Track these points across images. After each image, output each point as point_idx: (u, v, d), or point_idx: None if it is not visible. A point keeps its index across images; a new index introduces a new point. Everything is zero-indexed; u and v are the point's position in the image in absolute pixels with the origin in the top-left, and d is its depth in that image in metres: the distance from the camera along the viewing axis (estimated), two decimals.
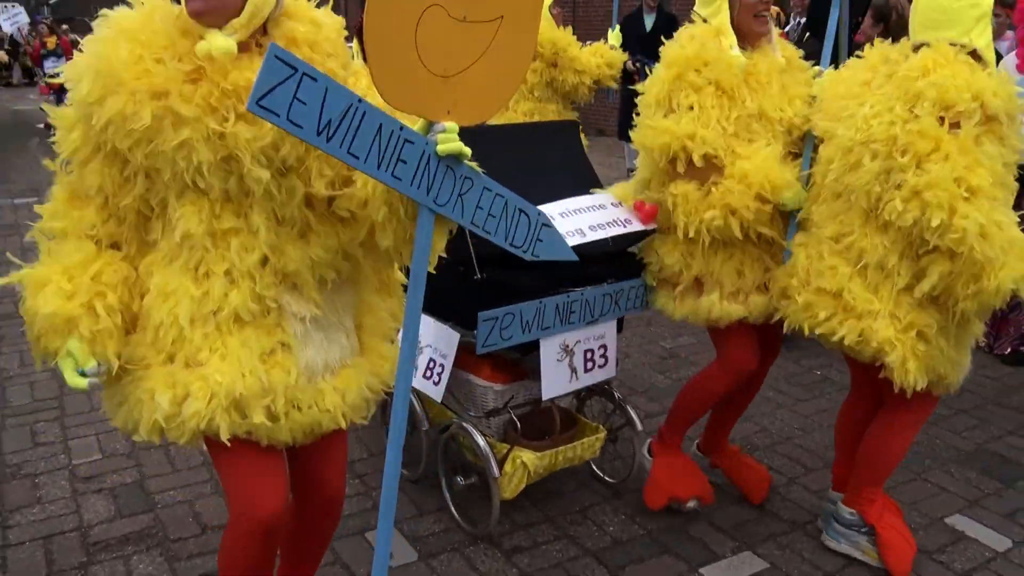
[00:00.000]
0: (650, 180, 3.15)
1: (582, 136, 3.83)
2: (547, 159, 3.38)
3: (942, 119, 2.55)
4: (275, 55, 1.68)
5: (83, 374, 1.96)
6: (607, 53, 5.80)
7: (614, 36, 6.13)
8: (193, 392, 2.00)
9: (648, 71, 3.30)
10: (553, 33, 5.54)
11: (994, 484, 3.71)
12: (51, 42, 17.46)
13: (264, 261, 2.04)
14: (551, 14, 5.84)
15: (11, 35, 31.89)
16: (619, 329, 3.37)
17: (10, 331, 5.48)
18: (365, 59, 1.81)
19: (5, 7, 33.37)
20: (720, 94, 2.96)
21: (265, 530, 2.12)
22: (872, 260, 2.70)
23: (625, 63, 7.26)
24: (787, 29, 7.25)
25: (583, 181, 3.35)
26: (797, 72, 3.13)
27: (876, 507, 3.10)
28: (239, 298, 2.01)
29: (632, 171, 8.70)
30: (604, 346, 3.28)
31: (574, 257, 2.42)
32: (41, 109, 4.14)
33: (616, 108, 14.03)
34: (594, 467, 3.76)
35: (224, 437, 2.01)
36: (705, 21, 3.09)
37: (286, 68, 1.69)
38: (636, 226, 3.17)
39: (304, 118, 1.74)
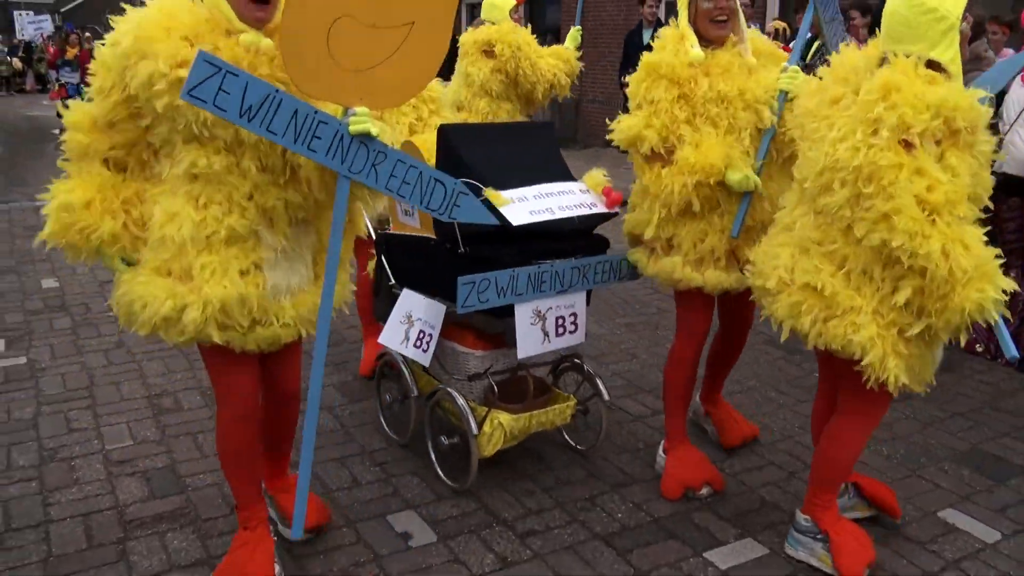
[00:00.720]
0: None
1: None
2: (527, 152, 3.79)
3: (904, 141, 2.56)
4: (203, 59, 2.28)
5: (127, 263, 2.70)
6: (564, 54, 5.81)
7: (572, 37, 6.04)
8: (190, 303, 2.56)
9: None
10: (514, 34, 5.61)
11: (986, 482, 3.86)
12: (72, 52, 17.73)
13: (250, 196, 2.60)
14: (511, 18, 5.84)
15: (27, 41, 32.26)
16: (587, 302, 3.74)
17: (39, 326, 5.68)
18: None
19: (27, 14, 33.77)
20: (672, 86, 3.33)
21: (243, 414, 2.82)
22: (855, 267, 2.74)
23: (622, 77, 7.45)
24: (792, 44, 7.44)
25: (556, 172, 3.77)
26: (771, 66, 3.41)
27: (830, 514, 3.13)
28: (229, 223, 2.57)
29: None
30: (574, 314, 3.64)
31: (493, 221, 3.08)
32: (58, 115, 4.29)
33: None
34: (565, 435, 4.09)
35: (217, 340, 2.62)
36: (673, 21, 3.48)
37: (211, 67, 2.30)
38: (601, 208, 3.63)
39: (228, 104, 2.34)
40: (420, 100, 4.53)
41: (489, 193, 3.38)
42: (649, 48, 3.64)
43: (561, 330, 3.60)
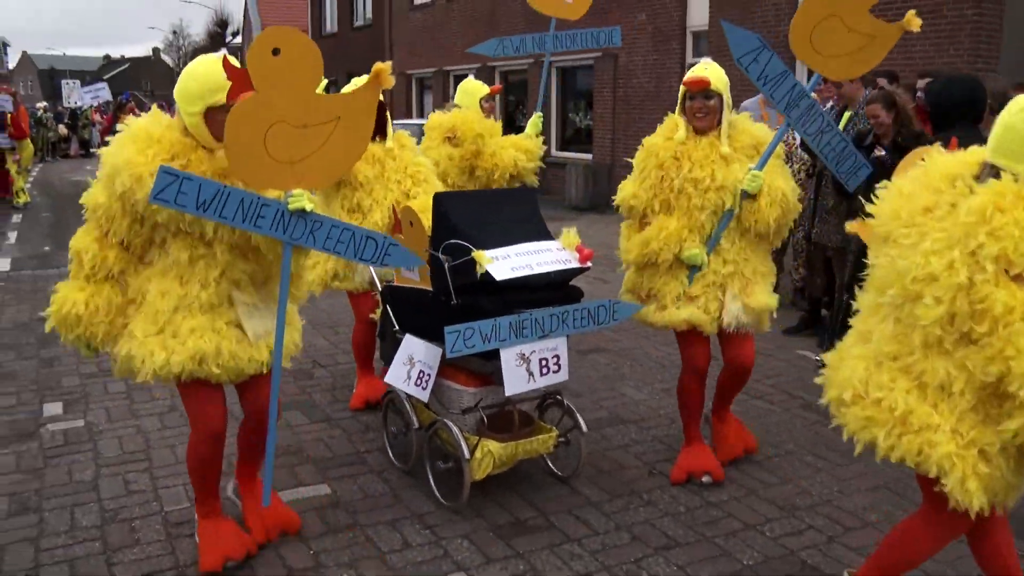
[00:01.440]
0: None
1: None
2: (511, 215, 4.34)
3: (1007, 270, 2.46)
4: (163, 171, 3.03)
5: (91, 349, 3.53)
6: (525, 144, 6.00)
7: (532, 124, 6.19)
8: (178, 351, 3.34)
9: None
10: (479, 124, 5.92)
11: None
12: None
13: (221, 274, 3.40)
14: (482, 107, 6.17)
15: (73, 108, 33.20)
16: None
17: (94, 389, 5.88)
18: None
19: (73, 83, 34.77)
20: (658, 166, 4.26)
21: (212, 437, 3.56)
22: (933, 382, 2.63)
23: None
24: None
25: (536, 232, 4.30)
26: (743, 157, 4.22)
27: None
28: (206, 296, 3.38)
29: None
30: (556, 355, 4.09)
31: (419, 263, 3.88)
32: None
33: None
34: (548, 462, 4.57)
35: (200, 375, 3.40)
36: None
37: (171, 176, 3.04)
38: (574, 264, 4.17)
39: (186, 201, 3.08)
40: (406, 175, 5.22)
41: (476, 254, 3.90)
42: None
43: (545, 370, 4.05)
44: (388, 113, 5.32)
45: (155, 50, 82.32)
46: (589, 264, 4.22)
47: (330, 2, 33.78)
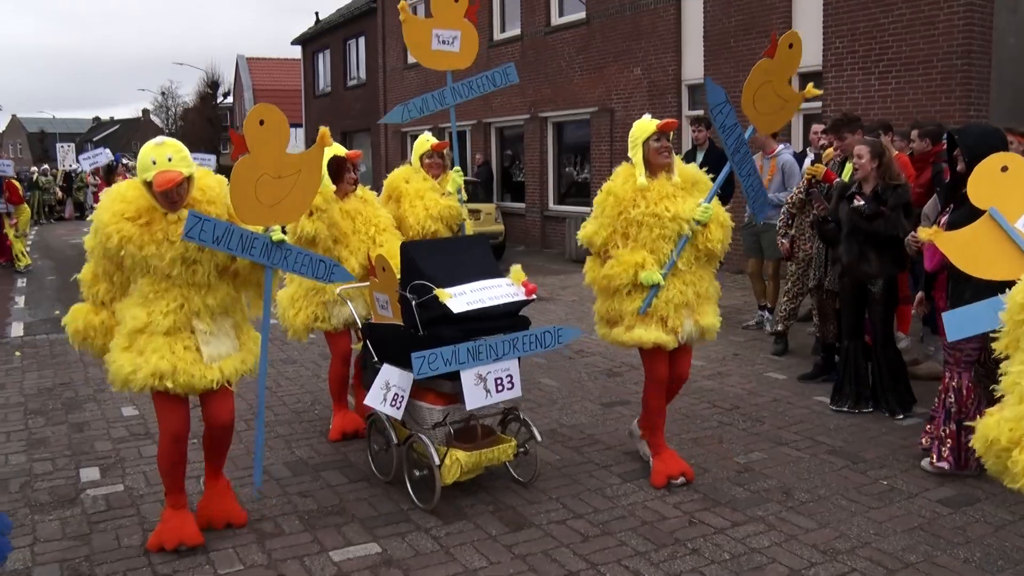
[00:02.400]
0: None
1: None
2: (467, 258, 5.14)
3: None
4: (192, 213, 4.08)
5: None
6: (436, 206, 6.29)
7: (452, 181, 6.49)
8: (143, 368, 4.19)
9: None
10: (401, 181, 6.44)
11: None
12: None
13: (181, 306, 4.28)
14: (422, 163, 6.50)
15: (67, 171, 33.42)
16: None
17: (128, 453, 5.95)
18: None
19: (67, 146, 35.04)
20: (617, 203, 5.00)
21: (174, 438, 4.39)
22: None
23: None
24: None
25: (489, 271, 5.11)
26: (693, 189, 5.09)
27: None
28: (167, 323, 4.23)
29: None
30: (510, 375, 4.84)
31: (351, 279, 5.29)
32: None
33: None
34: (510, 468, 5.30)
35: (159, 388, 4.24)
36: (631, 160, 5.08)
37: (196, 219, 4.08)
38: (521, 297, 5.01)
39: (206, 238, 4.12)
40: (371, 226, 6.05)
41: (437, 292, 4.72)
42: (701, 167, 5.29)
43: (500, 388, 4.80)
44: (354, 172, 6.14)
45: (144, 111, 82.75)
46: (534, 296, 5.09)
47: (323, 62, 34.23)
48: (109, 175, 19.25)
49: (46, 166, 33.22)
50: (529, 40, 19.93)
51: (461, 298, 4.80)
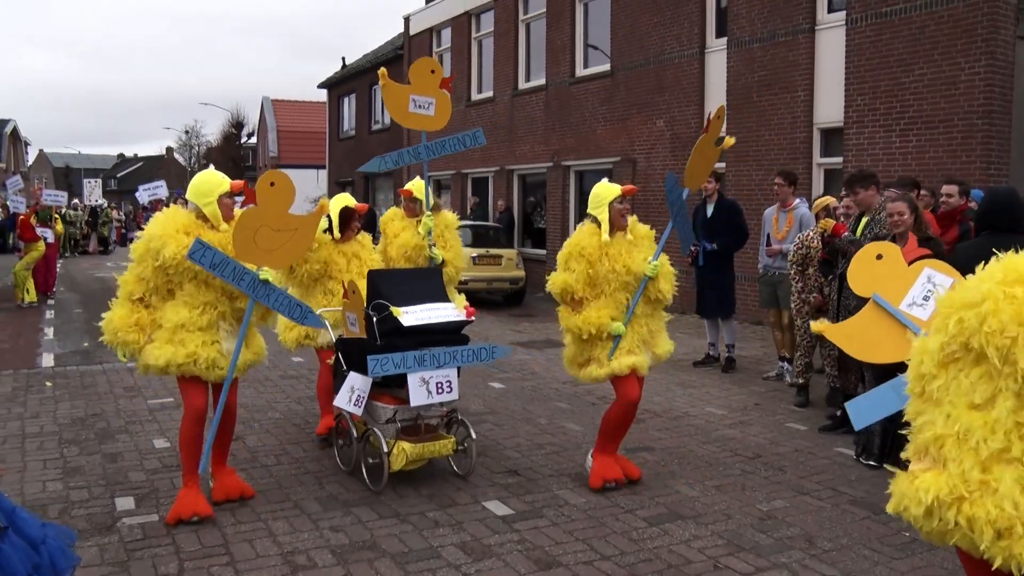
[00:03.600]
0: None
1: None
2: (420, 285, 6.32)
3: None
4: (197, 242, 5.11)
5: (124, 355, 5.39)
6: (405, 246, 7.45)
7: (423, 224, 7.33)
8: (180, 355, 5.23)
9: (704, 251, 7.14)
10: (389, 223, 7.69)
11: None
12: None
13: (215, 308, 5.35)
14: (402, 208, 7.75)
15: (93, 207, 33.91)
16: (458, 374, 6.01)
17: (162, 484, 6.09)
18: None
19: (92, 183, 35.54)
20: (584, 260, 5.79)
21: (196, 416, 5.37)
22: None
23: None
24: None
25: (437, 296, 6.30)
26: (643, 243, 5.94)
27: None
28: (203, 320, 5.31)
29: (712, 344, 9.67)
30: (449, 381, 5.89)
31: (322, 326, 6.36)
32: None
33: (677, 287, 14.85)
34: (451, 462, 6.37)
35: (186, 374, 5.34)
36: (594, 219, 5.92)
37: (201, 245, 5.12)
38: (462, 318, 6.16)
39: (205, 262, 5.12)
40: (364, 265, 6.99)
41: (393, 310, 5.84)
42: (715, 221, 7.39)
43: (440, 391, 5.85)
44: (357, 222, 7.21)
45: (168, 149, 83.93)
46: (473, 318, 6.25)
47: (348, 106, 34.75)
48: (146, 209, 19.75)
49: (76, 200, 33.66)
50: (554, 90, 20.26)
51: (411, 315, 5.92)
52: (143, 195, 21.39)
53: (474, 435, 6.17)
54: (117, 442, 7.18)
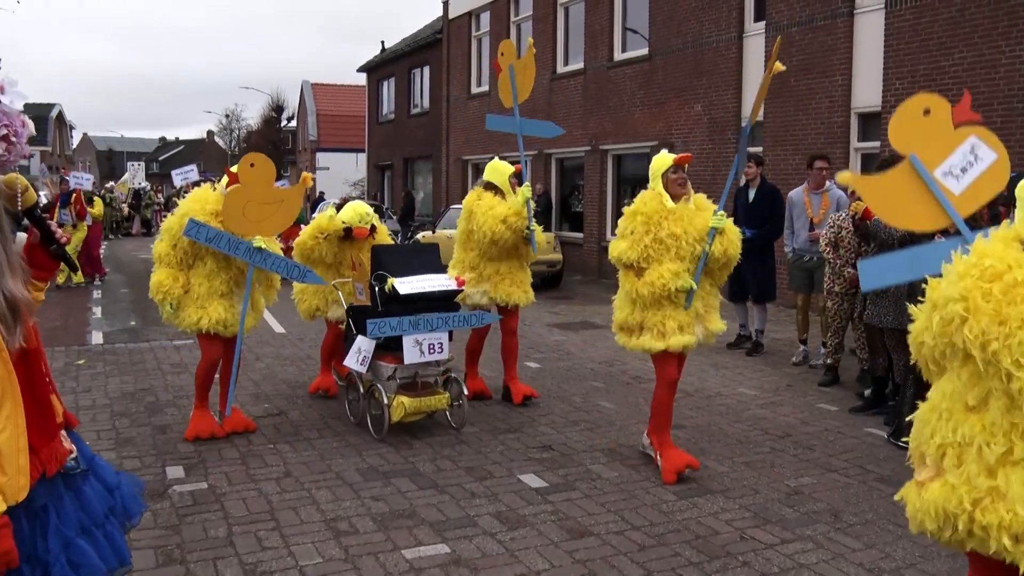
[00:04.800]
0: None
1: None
2: (419, 259, 7.21)
3: None
4: (191, 220, 6.19)
5: (172, 309, 6.57)
6: (504, 211, 7.36)
7: (520, 193, 7.47)
8: (205, 317, 6.48)
9: (744, 238, 6.14)
10: (473, 199, 7.64)
11: None
12: None
13: (231, 278, 6.58)
14: (510, 183, 7.68)
15: (136, 189, 34.51)
16: (450, 338, 6.85)
17: (209, 456, 6.34)
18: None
19: (135, 165, 36.15)
20: (646, 222, 5.72)
21: (212, 362, 6.73)
22: None
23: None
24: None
25: (433, 267, 7.13)
26: (705, 211, 5.83)
27: None
28: (223, 287, 6.56)
29: (743, 326, 9.75)
30: (441, 343, 6.74)
31: (322, 282, 7.32)
32: None
33: None
34: (448, 416, 7.13)
35: (218, 332, 6.62)
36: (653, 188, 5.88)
37: (194, 223, 6.21)
38: (453, 286, 6.99)
39: (200, 238, 6.23)
40: (363, 247, 7.59)
41: (390, 280, 6.65)
42: (758, 207, 8.52)
43: (432, 351, 6.70)
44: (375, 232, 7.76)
45: (209, 133, 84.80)
46: (463, 287, 7.09)
47: (387, 90, 34.99)
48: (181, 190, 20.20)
49: (111, 183, 34.25)
50: (592, 74, 20.32)
51: (408, 284, 6.71)
52: (177, 179, 21.82)
53: (467, 391, 7.12)
54: (166, 415, 7.45)
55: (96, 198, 19.44)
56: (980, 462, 2.56)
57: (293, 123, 53.62)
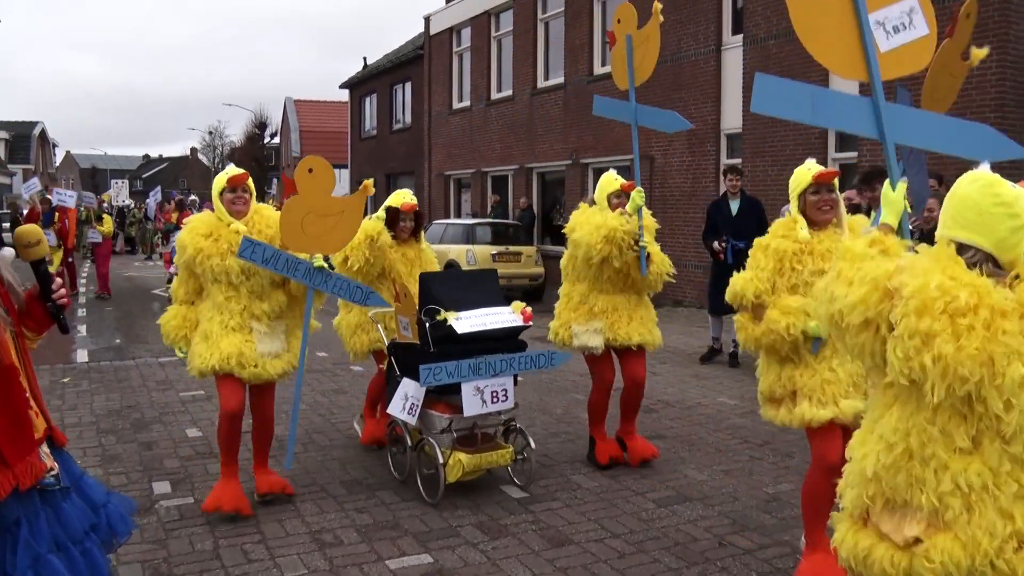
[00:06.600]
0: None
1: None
2: (476, 288, 6.04)
3: None
4: (246, 238, 5.14)
5: (183, 352, 5.57)
6: (606, 225, 5.91)
7: (632, 202, 6.03)
8: (215, 355, 5.25)
9: (731, 249, 4.92)
10: (578, 218, 6.21)
11: None
12: (174, 217, 19.37)
13: (244, 309, 5.34)
14: (610, 202, 6.20)
15: (120, 207, 34.45)
16: (515, 383, 5.80)
17: (195, 470, 6.40)
18: None
19: (119, 184, 36.10)
20: (778, 260, 4.36)
21: (231, 415, 5.35)
22: None
23: (713, 244, 8.17)
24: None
25: (493, 300, 5.99)
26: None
27: None
28: (234, 322, 5.31)
29: (716, 338, 9.82)
30: (505, 389, 5.68)
31: (386, 304, 6.10)
32: (168, 286, 6.31)
33: (692, 281, 15.06)
34: (509, 471, 6.06)
35: (225, 371, 5.29)
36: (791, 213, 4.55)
37: (248, 243, 5.14)
38: (520, 323, 5.86)
39: (255, 258, 5.15)
40: (424, 268, 6.60)
41: (444, 314, 5.61)
42: (740, 218, 6.34)
43: (495, 400, 5.65)
44: (423, 221, 6.92)
45: (193, 150, 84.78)
46: (531, 323, 5.91)
47: (370, 106, 35.13)
48: (179, 211, 20.31)
49: (129, 201, 34.33)
50: (572, 88, 20.50)
51: (466, 321, 5.64)
52: (150, 200, 22.07)
53: (533, 444, 5.93)
54: (152, 432, 7.50)
55: (106, 215, 19.63)
56: (994, 505, 2.33)
57: (276, 139, 53.72)
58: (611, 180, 6.33)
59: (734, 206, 10.46)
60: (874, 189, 7.89)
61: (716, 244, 9.90)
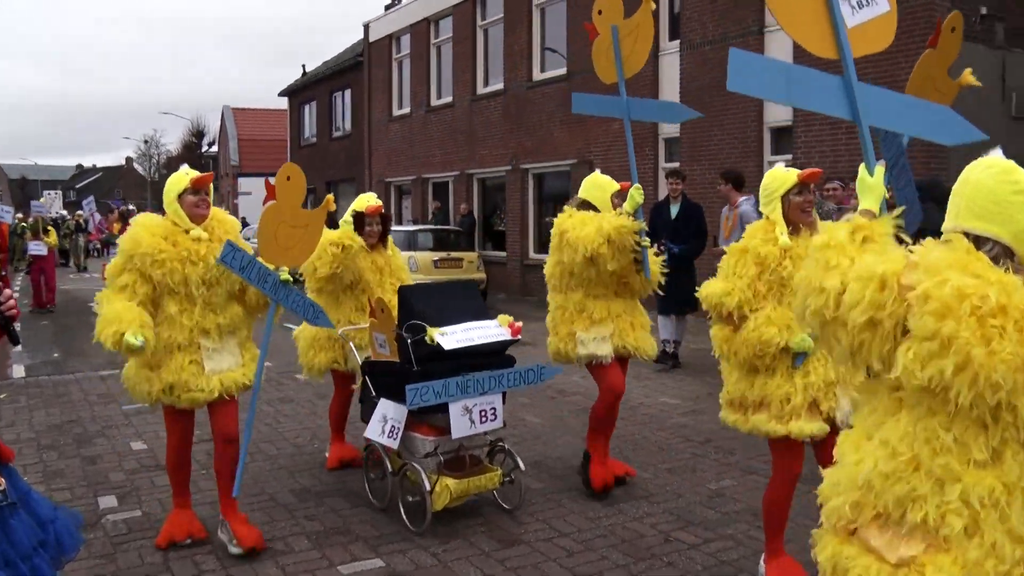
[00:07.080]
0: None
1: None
2: (458, 301, 5.69)
3: None
4: (228, 243, 4.85)
5: (137, 343, 4.48)
6: (607, 224, 5.56)
7: (630, 199, 5.76)
8: (156, 384, 4.85)
9: (670, 253, 4.83)
10: (566, 218, 5.86)
11: None
12: (117, 227, 19.13)
13: (195, 324, 4.86)
14: (612, 203, 5.88)
15: (54, 219, 33.79)
16: (503, 400, 5.45)
17: (142, 483, 6.35)
18: None
19: (52, 195, 35.35)
20: (758, 264, 4.18)
21: (177, 443, 5.09)
22: None
23: (653, 246, 8.18)
24: None
25: (478, 313, 5.65)
26: None
27: None
28: (181, 338, 4.83)
29: (667, 341, 9.90)
30: (494, 408, 5.32)
31: (329, 325, 5.25)
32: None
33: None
34: (496, 496, 5.71)
35: (165, 402, 4.92)
36: (767, 217, 4.35)
37: (232, 248, 4.84)
38: (507, 336, 5.50)
39: (233, 265, 4.83)
40: (394, 276, 6.42)
41: (430, 331, 5.19)
42: (679, 223, 4.76)
43: (484, 419, 5.27)
44: (390, 226, 6.63)
45: (128, 159, 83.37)
46: (519, 336, 5.57)
47: (309, 114, 34.92)
48: (122, 217, 20.17)
49: (20, 214, 33.54)
50: (512, 94, 20.63)
51: (452, 336, 5.26)
52: (85, 209, 21.89)
53: (523, 466, 5.57)
54: (95, 446, 7.42)
55: (50, 228, 19.53)
56: (1002, 525, 2.14)
57: (214, 148, 53.05)
58: (610, 181, 6.08)
59: (674, 210, 10.62)
60: (850, 190, 8.24)
61: (655, 248, 9.99)
